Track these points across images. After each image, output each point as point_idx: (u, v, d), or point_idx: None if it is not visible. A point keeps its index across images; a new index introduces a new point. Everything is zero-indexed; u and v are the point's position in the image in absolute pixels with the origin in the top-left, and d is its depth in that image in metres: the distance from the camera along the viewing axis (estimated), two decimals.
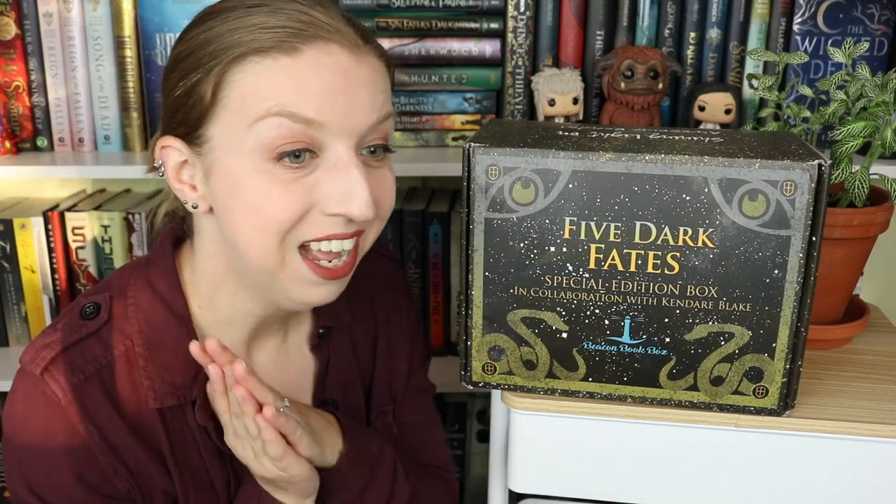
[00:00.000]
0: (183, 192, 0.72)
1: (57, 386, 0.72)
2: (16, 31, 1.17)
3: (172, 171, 0.72)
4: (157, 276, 0.77)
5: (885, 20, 1.17)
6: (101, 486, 0.74)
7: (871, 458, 0.75)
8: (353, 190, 0.67)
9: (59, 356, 0.73)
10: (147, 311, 0.76)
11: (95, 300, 0.77)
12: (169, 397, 0.75)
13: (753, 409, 0.74)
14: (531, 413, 0.78)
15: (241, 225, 0.69)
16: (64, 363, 0.72)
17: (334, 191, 0.68)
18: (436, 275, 1.26)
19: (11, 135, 1.20)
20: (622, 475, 0.79)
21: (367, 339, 0.90)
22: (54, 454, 0.72)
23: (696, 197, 0.69)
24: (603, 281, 0.73)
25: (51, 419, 0.72)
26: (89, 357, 0.74)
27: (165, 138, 0.72)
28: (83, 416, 0.72)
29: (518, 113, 1.22)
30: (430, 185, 1.39)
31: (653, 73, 1.12)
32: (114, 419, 0.73)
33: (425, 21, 1.18)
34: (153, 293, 0.77)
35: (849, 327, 0.88)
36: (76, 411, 0.72)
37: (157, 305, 0.76)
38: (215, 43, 0.67)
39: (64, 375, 0.72)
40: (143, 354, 0.75)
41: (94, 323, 0.75)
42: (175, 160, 0.71)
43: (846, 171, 0.82)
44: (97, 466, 0.73)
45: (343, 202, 0.68)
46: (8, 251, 1.24)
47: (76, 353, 0.73)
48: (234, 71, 0.66)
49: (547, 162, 0.70)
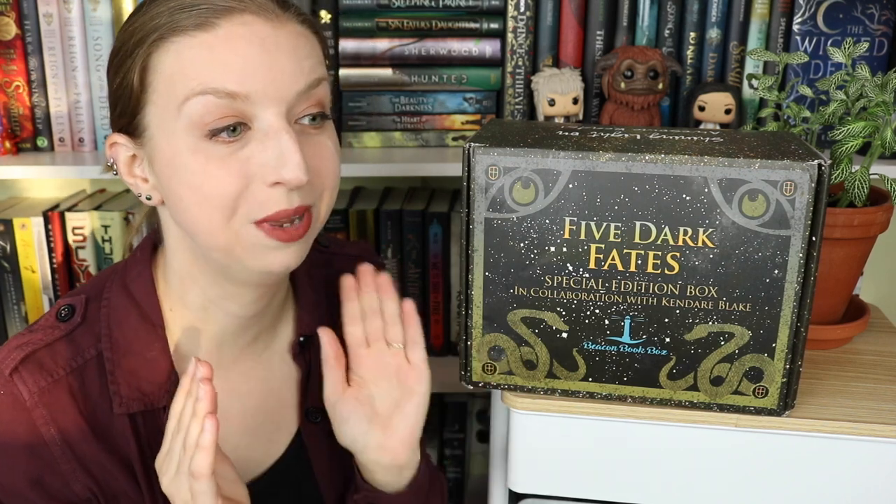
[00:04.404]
0: (136, 186, 0.73)
1: (24, 388, 0.71)
2: (16, 31, 1.17)
3: (124, 168, 0.73)
4: (133, 280, 0.77)
5: (885, 20, 1.17)
6: (58, 492, 0.73)
7: (871, 458, 0.75)
8: (284, 155, 0.66)
9: (29, 357, 0.72)
10: (119, 314, 0.76)
11: (71, 302, 0.76)
12: (135, 403, 0.74)
13: (753, 409, 0.74)
14: (531, 413, 0.78)
15: (186, 206, 0.69)
16: (34, 365, 0.72)
17: (268, 158, 0.67)
18: (436, 275, 1.26)
19: (11, 135, 1.20)
20: (622, 475, 0.79)
21: None
22: (15, 455, 0.72)
23: (696, 197, 0.69)
24: (603, 281, 0.73)
25: (15, 420, 0.71)
26: (59, 359, 0.73)
27: (112, 135, 0.73)
28: (48, 420, 0.71)
29: (518, 113, 1.22)
30: (430, 185, 1.39)
31: (653, 73, 1.12)
32: (79, 424, 0.72)
33: (425, 21, 1.18)
34: (127, 296, 0.76)
35: (849, 327, 0.88)
36: (41, 414, 0.71)
37: (130, 309, 0.76)
38: (140, 32, 0.68)
39: (32, 377, 0.71)
40: (110, 359, 0.74)
41: (67, 325, 0.75)
42: (124, 155, 0.72)
43: (846, 171, 0.82)
44: (57, 471, 0.72)
45: (276, 168, 0.67)
46: (8, 251, 1.24)
47: (47, 354, 0.73)
48: (158, 54, 0.67)
49: (547, 162, 0.70)
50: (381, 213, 1.23)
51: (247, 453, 0.81)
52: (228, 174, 0.67)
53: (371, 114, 1.22)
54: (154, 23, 0.67)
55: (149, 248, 0.79)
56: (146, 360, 0.75)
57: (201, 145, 0.67)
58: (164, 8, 0.67)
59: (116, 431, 0.74)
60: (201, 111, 0.66)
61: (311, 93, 0.70)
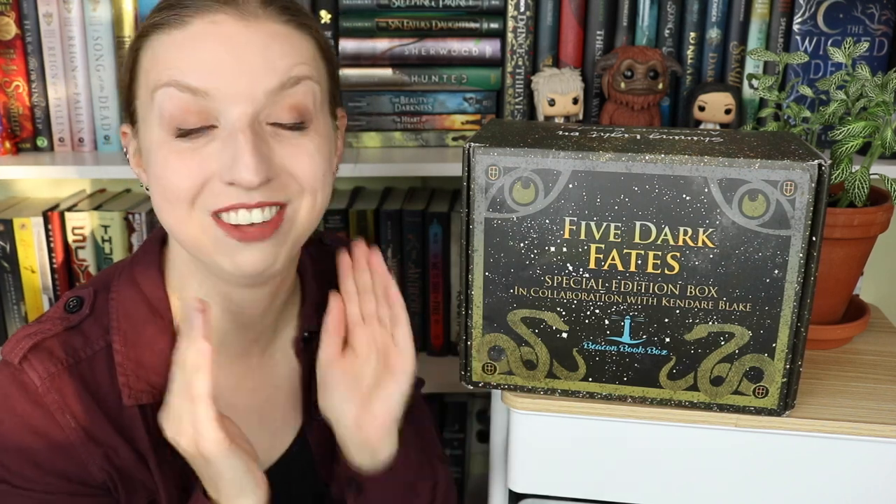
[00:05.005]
0: (140, 175, 0.76)
1: (35, 374, 0.72)
2: (16, 31, 1.17)
3: (132, 158, 0.76)
4: (141, 272, 0.78)
5: (885, 20, 1.17)
6: (74, 474, 0.73)
7: (871, 458, 0.75)
8: (237, 156, 0.67)
9: (37, 346, 0.73)
10: (128, 306, 0.76)
11: (79, 294, 0.77)
12: (144, 395, 0.74)
13: (753, 409, 0.74)
14: (531, 413, 0.78)
15: (156, 198, 0.72)
16: (43, 353, 0.72)
17: (225, 157, 0.68)
18: (436, 275, 1.26)
19: (11, 135, 1.20)
20: (622, 475, 0.79)
21: None
22: (32, 444, 0.72)
23: (696, 197, 0.69)
24: (603, 281, 0.73)
25: (28, 411, 0.72)
26: (68, 349, 0.74)
27: (123, 125, 0.77)
28: (61, 405, 0.72)
29: (518, 113, 1.22)
30: (430, 185, 1.39)
31: (653, 73, 1.12)
32: (92, 411, 0.73)
33: (425, 21, 1.18)
34: (136, 289, 0.77)
35: (849, 327, 0.88)
36: (54, 399, 0.72)
37: (139, 301, 0.76)
38: (139, 29, 0.73)
39: (42, 364, 0.72)
40: (119, 350, 0.74)
41: (76, 316, 0.75)
42: (133, 146, 0.75)
43: (846, 171, 0.82)
44: (73, 455, 0.72)
45: (230, 168, 0.67)
46: (8, 251, 1.24)
47: (55, 343, 0.73)
48: (142, 50, 0.71)
49: (547, 162, 0.70)
50: (381, 213, 1.23)
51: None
52: (188, 168, 0.68)
53: (371, 114, 1.22)
54: (148, 21, 0.71)
55: (157, 241, 0.80)
56: (155, 352, 0.75)
57: (166, 138, 0.69)
58: (158, 7, 0.71)
59: (128, 423, 0.74)
60: (167, 104, 0.68)
61: (287, 93, 0.69)
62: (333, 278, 0.83)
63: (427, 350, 1.29)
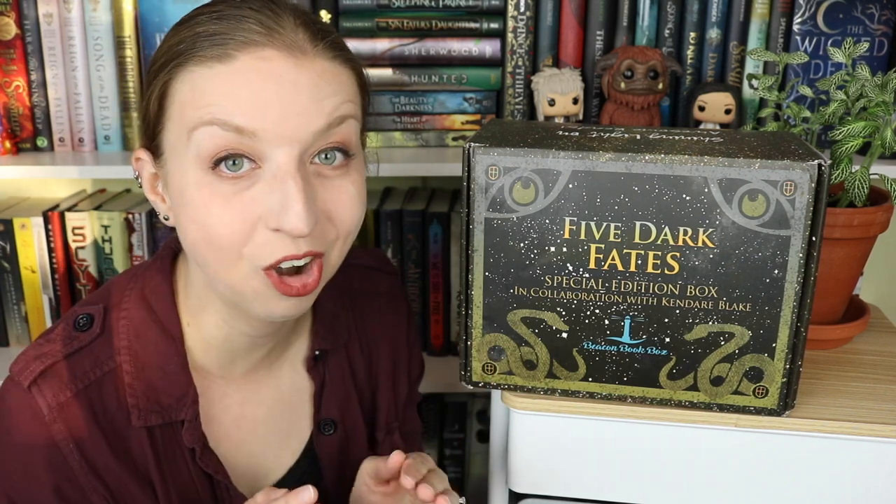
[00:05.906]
0: (156, 204, 0.72)
1: (43, 402, 0.71)
2: (16, 31, 1.17)
3: (147, 184, 0.73)
4: (152, 290, 0.76)
5: (885, 20, 1.17)
6: (76, 501, 0.73)
7: (871, 458, 0.75)
8: (287, 202, 0.64)
9: (48, 370, 0.72)
10: (138, 326, 0.75)
11: (89, 311, 0.76)
12: (153, 416, 0.74)
13: (753, 409, 0.74)
14: (531, 413, 0.78)
15: (194, 241, 0.68)
16: (53, 378, 0.72)
17: (272, 202, 0.65)
18: (436, 275, 1.26)
19: (11, 135, 1.20)
20: (622, 475, 0.79)
21: (365, 358, 0.89)
22: (35, 467, 0.71)
23: (696, 197, 0.69)
24: (603, 281, 0.73)
25: (34, 434, 0.71)
26: (78, 373, 0.73)
27: (138, 150, 0.72)
28: (66, 436, 0.71)
29: (518, 113, 1.22)
30: (430, 185, 1.39)
31: (653, 73, 1.12)
32: (97, 438, 0.72)
33: (425, 21, 1.17)
34: (147, 308, 0.76)
35: (849, 327, 0.88)
36: (59, 430, 0.71)
37: (150, 322, 0.75)
38: (167, 54, 0.67)
39: (52, 391, 0.71)
40: (129, 372, 0.74)
41: (86, 335, 0.74)
42: (148, 171, 0.72)
43: (846, 171, 0.82)
44: (75, 482, 0.72)
45: (279, 214, 0.64)
46: (8, 251, 1.24)
47: (65, 367, 0.72)
48: (176, 80, 0.66)
49: (547, 162, 0.70)
50: (381, 213, 1.23)
51: (258, 461, 0.81)
52: (232, 215, 0.65)
53: (371, 114, 1.21)
54: (178, 47, 0.66)
55: (169, 258, 0.78)
56: (165, 374, 0.74)
57: (206, 179, 0.65)
58: (191, 33, 0.66)
59: (133, 444, 0.74)
60: (208, 143, 0.64)
61: (332, 132, 0.67)
62: (344, 292, 0.83)
63: (427, 350, 1.29)
